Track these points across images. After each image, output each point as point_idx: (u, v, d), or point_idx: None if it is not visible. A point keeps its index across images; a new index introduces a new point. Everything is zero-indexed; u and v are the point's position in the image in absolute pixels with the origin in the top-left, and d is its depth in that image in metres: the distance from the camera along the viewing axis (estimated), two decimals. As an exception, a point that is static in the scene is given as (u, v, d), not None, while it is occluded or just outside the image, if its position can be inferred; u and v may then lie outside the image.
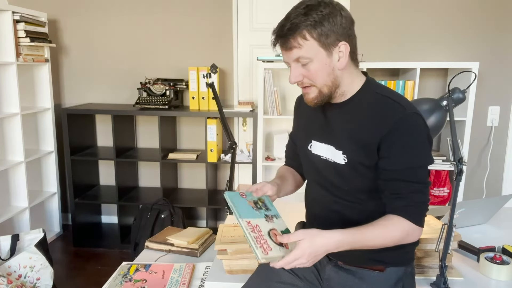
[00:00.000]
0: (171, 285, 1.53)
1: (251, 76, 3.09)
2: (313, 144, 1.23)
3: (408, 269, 1.20)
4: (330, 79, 1.10)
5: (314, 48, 1.06)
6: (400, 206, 1.07)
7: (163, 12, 3.08)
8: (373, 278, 1.17)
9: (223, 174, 3.27)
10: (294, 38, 1.05)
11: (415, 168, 1.07)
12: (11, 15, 2.64)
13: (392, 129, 1.05)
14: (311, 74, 1.09)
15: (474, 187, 3.05)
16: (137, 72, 3.18)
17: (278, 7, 2.95)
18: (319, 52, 1.06)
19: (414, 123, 1.06)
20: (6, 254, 2.08)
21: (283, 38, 1.07)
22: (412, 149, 1.06)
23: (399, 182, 1.07)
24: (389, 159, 1.07)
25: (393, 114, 1.06)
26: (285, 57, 1.11)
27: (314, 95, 1.12)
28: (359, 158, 1.10)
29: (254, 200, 1.15)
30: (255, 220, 1.07)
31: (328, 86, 1.10)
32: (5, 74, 2.70)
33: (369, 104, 1.11)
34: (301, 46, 1.05)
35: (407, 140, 1.05)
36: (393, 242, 1.06)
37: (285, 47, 1.07)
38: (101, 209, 3.42)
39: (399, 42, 2.92)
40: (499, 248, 1.52)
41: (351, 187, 1.15)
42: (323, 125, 1.20)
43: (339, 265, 1.22)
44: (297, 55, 1.07)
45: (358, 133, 1.10)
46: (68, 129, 2.89)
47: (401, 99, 1.10)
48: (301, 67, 1.09)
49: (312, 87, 1.11)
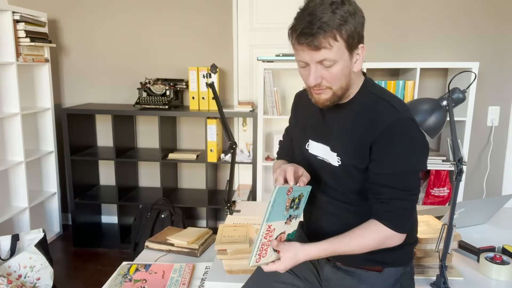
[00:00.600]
0: (171, 285, 1.53)
1: (251, 76, 3.09)
2: (310, 143, 1.22)
3: (407, 269, 1.20)
4: (346, 81, 1.07)
5: (341, 49, 1.01)
6: (380, 212, 1.07)
7: (163, 12, 3.08)
8: (371, 279, 1.17)
9: (223, 174, 3.27)
10: (326, 38, 0.98)
11: (402, 174, 1.05)
12: (11, 15, 2.64)
13: (383, 132, 1.03)
14: (331, 76, 1.04)
15: (474, 187, 3.05)
16: (137, 72, 3.18)
17: (278, 7, 2.95)
18: (344, 54, 1.02)
19: (406, 128, 1.04)
20: (6, 254, 2.08)
21: (313, 37, 0.98)
22: (400, 154, 1.04)
23: (383, 187, 1.06)
24: (377, 162, 1.06)
25: (386, 118, 1.04)
26: (306, 57, 1.03)
27: (327, 97, 1.08)
28: (352, 161, 1.10)
29: (294, 197, 1.08)
30: (276, 223, 1.06)
31: (342, 88, 1.08)
32: (5, 74, 2.70)
33: (365, 106, 1.10)
34: (332, 47, 1.00)
35: (397, 145, 1.04)
36: (372, 248, 1.08)
37: (313, 46, 1.00)
38: (101, 209, 3.42)
39: (399, 42, 2.92)
40: (499, 248, 1.52)
41: (344, 188, 1.15)
42: (321, 125, 1.19)
43: (337, 266, 1.22)
44: (324, 57, 1.01)
45: (352, 136, 1.10)
46: (68, 129, 2.89)
47: (397, 101, 1.08)
48: (323, 69, 1.04)
49: (326, 90, 1.07)
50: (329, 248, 1.08)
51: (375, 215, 1.09)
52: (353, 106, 1.13)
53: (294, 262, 1.07)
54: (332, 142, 1.15)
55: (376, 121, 1.06)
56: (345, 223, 1.13)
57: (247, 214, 1.90)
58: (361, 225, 1.09)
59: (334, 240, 1.08)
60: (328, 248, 1.08)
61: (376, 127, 1.05)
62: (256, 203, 2.10)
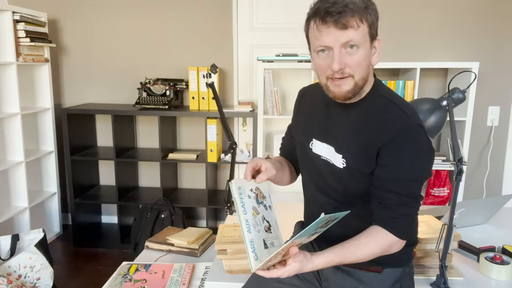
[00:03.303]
0: (171, 285, 1.53)
1: (251, 76, 3.09)
2: (314, 142, 1.20)
3: (406, 269, 1.19)
4: (366, 72, 1.04)
5: (365, 34, 1.00)
6: (385, 217, 1.06)
7: (163, 12, 3.08)
8: (370, 279, 1.17)
9: (223, 174, 3.27)
10: (353, 17, 0.96)
11: (408, 181, 1.05)
12: (11, 15, 2.64)
13: (393, 138, 1.03)
14: (354, 62, 1.00)
15: (474, 187, 3.05)
16: (137, 72, 3.18)
17: (278, 7, 2.95)
18: (366, 41, 1.01)
19: (416, 136, 1.03)
20: (6, 254, 2.08)
21: (340, 14, 0.95)
22: (408, 162, 1.03)
23: (389, 192, 1.05)
24: (384, 167, 1.05)
25: (397, 123, 1.03)
26: (331, 39, 0.99)
27: (349, 88, 1.03)
28: (357, 164, 1.09)
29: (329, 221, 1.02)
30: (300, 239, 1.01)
31: (363, 79, 1.04)
32: (5, 74, 2.70)
33: (374, 108, 1.09)
34: (358, 27, 0.97)
35: (406, 152, 1.03)
36: (376, 256, 1.06)
37: (341, 24, 0.96)
38: (101, 209, 3.42)
39: (399, 42, 2.92)
40: (499, 248, 1.52)
41: (346, 190, 1.14)
42: (327, 124, 1.17)
43: (337, 266, 1.21)
44: (351, 37, 0.98)
45: (359, 138, 1.08)
46: (68, 129, 2.89)
47: (407, 107, 1.07)
48: (346, 54, 1.00)
49: (349, 78, 1.02)
50: (335, 260, 1.04)
51: (378, 220, 1.07)
52: (362, 107, 1.11)
53: (297, 271, 1.01)
54: (337, 143, 1.13)
55: (386, 126, 1.04)
56: (346, 224, 1.13)
57: (247, 214, 1.90)
58: (365, 232, 1.07)
59: (340, 251, 1.04)
60: (334, 259, 1.04)
61: (386, 132, 1.04)
62: (256, 203, 2.10)
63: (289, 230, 1.50)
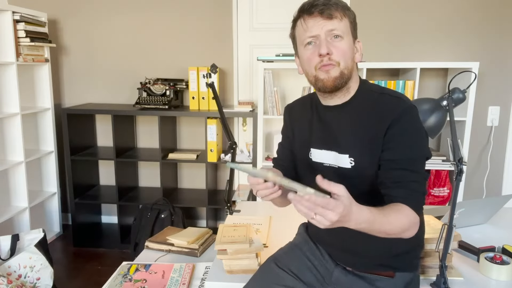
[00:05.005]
0: (171, 285, 1.53)
1: (251, 76, 3.09)
2: (313, 152, 1.21)
3: (416, 274, 1.20)
4: (351, 64, 1.11)
5: (347, 28, 1.10)
6: (403, 194, 1.05)
7: (163, 12, 3.08)
8: (382, 284, 1.17)
9: (223, 174, 3.27)
10: (337, 10, 1.08)
11: (416, 158, 1.08)
12: (11, 15, 2.64)
13: (395, 119, 1.07)
14: (340, 50, 1.08)
15: (474, 187, 3.05)
16: (137, 72, 3.18)
17: (278, 7, 2.95)
18: (349, 34, 1.10)
19: (413, 116, 1.08)
20: (6, 254, 2.08)
21: (325, 6, 1.07)
22: (413, 139, 1.07)
23: (400, 170, 1.06)
24: (392, 150, 1.07)
25: (395, 107, 1.08)
26: (317, 28, 1.08)
27: (336, 74, 1.09)
28: (366, 158, 1.10)
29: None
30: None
31: (348, 70, 1.10)
32: (5, 74, 2.70)
33: (368, 103, 1.12)
34: (342, 18, 1.08)
35: (409, 130, 1.07)
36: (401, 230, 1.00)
37: (326, 14, 1.07)
38: (101, 209, 3.42)
39: (399, 42, 2.92)
40: (499, 248, 1.52)
41: (353, 191, 1.13)
42: (322, 130, 1.19)
43: (348, 270, 1.21)
44: (335, 26, 1.07)
45: (362, 133, 1.10)
46: (68, 129, 2.89)
47: (398, 93, 1.13)
48: (332, 42, 1.08)
49: (335, 66, 1.09)
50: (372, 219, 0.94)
51: (396, 198, 1.04)
52: (353, 105, 1.14)
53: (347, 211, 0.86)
54: (338, 145, 1.14)
55: (384, 115, 1.08)
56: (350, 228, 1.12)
57: (247, 214, 1.91)
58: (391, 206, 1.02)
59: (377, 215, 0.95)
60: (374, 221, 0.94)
61: (385, 121, 1.08)
62: (256, 203, 2.10)
63: (292, 231, 1.50)
